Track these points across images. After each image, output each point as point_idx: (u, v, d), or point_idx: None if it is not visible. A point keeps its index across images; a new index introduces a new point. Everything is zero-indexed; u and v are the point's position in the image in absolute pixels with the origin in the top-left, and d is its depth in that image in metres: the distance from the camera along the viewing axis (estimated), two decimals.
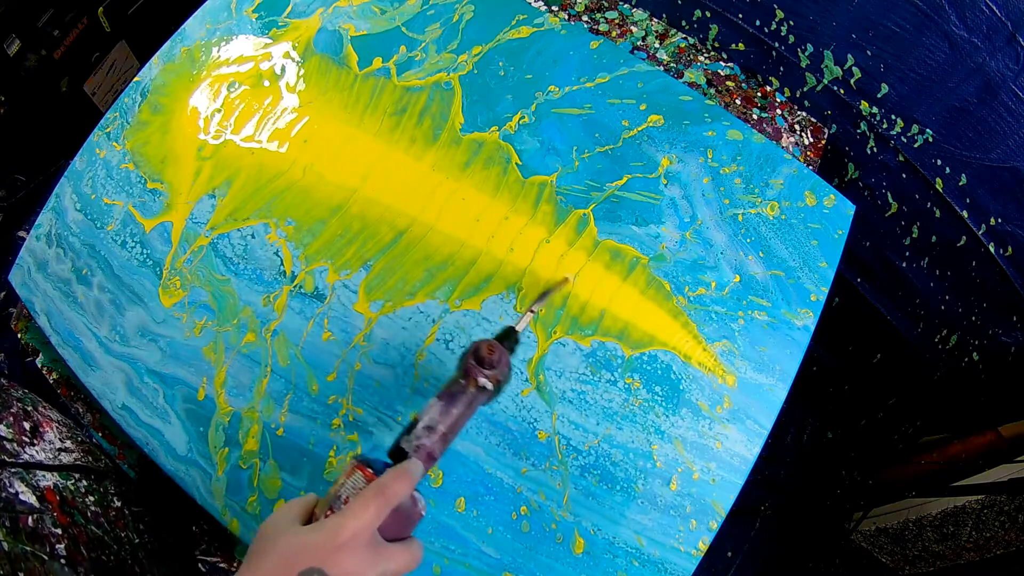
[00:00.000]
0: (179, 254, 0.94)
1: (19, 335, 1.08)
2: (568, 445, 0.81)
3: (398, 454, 0.52)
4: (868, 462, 1.69)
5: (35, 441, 0.81)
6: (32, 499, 0.70)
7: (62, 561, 0.66)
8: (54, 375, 1.03)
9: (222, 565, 0.88)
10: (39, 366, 1.05)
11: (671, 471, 0.80)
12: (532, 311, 0.68)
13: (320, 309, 0.88)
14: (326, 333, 0.87)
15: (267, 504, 0.82)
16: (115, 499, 0.84)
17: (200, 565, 0.88)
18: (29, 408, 0.87)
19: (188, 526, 0.90)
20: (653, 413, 0.82)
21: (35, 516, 0.68)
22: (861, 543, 1.83)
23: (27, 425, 0.83)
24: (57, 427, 0.88)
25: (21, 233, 1.70)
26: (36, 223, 1.04)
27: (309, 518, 0.48)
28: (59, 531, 0.69)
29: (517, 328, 0.65)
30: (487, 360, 0.57)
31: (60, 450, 0.84)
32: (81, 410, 1.00)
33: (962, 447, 1.52)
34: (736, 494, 0.80)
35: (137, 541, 0.82)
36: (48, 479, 0.76)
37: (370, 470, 0.49)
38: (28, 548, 0.63)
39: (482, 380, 0.57)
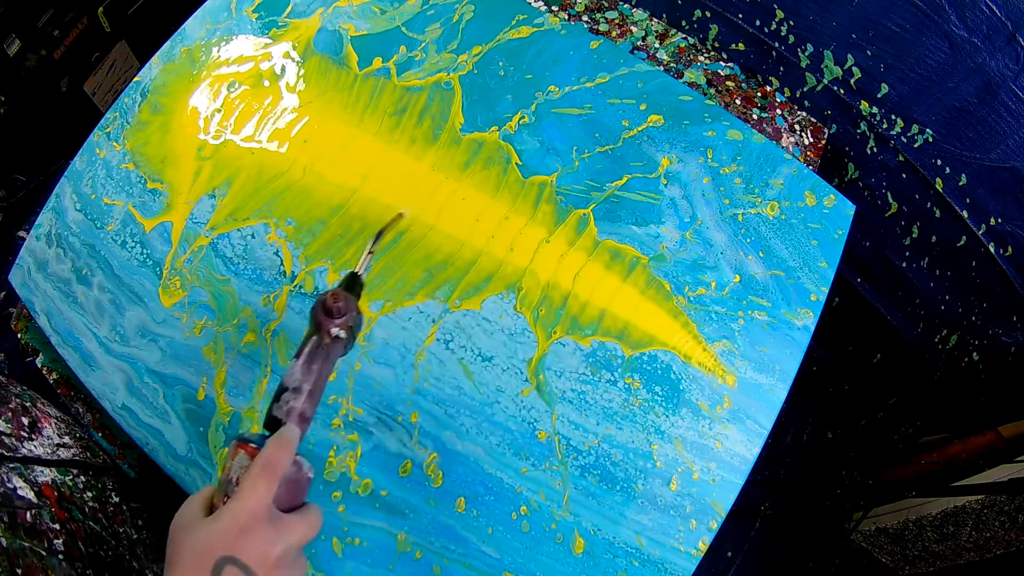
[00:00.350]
0: (179, 254, 0.94)
1: (19, 335, 1.08)
2: (568, 445, 0.81)
3: (272, 423, 0.52)
4: (868, 462, 1.69)
5: (33, 436, 0.82)
6: (30, 494, 0.70)
7: (60, 557, 0.66)
8: (54, 375, 1.03)
9: None
10: (39, 366, 1.05)
11: (671, 471, 0.80)
12: (371, 252, 0.68)
13: None
14: None
15: None
16: (113, 495, 0.84)
17: None
18: (27, 404, 0.87)
19: None
20: (653, 413, 0.82)
21: (33, 511, 0.68)
22: (861, 543, 1.83)
23: (25, 420, 0.83)
24: (55, 423, 0.88)
25: (21, 233, 1.70)
26: (36, 223, 1.04)
27: (211, 508, 0.48)
28: (57, 527, 0.69)
29: (359, 272, 0.64)
30: (335, 309, 0.57)
31: (58, 446, 0.84)
32: (81, 410, 1.00)
33: (962, 447, 1.52)
34: (736, 494, 0.80)
35: (135, 537, 0.82)
36: (46, 474, 0.76)
37: (252, 445, 0.49)
38: (26, 544, 0.63)
39: (334, 330, 0.57)
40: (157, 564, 0.82)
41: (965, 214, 1.15)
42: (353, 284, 0.63)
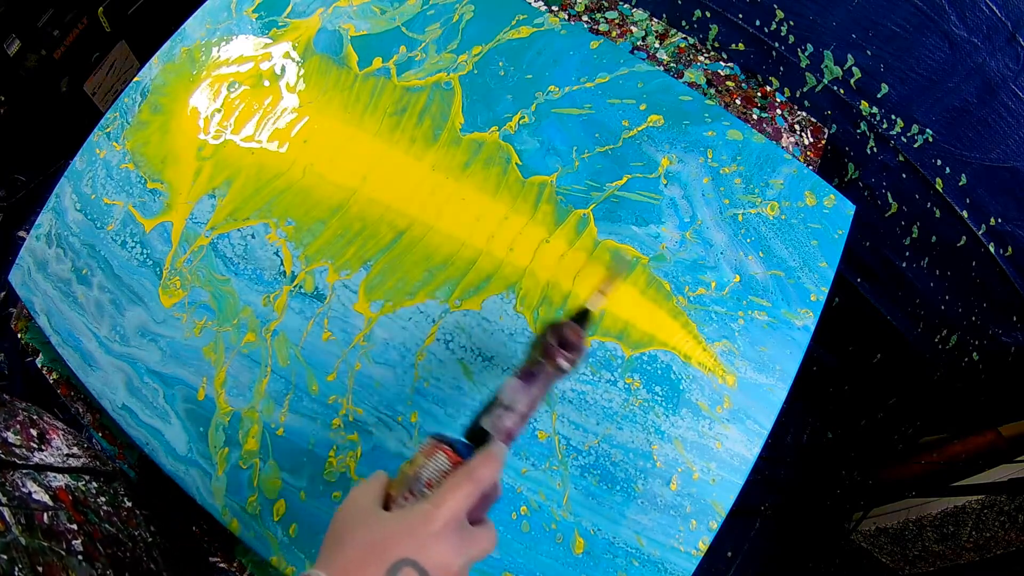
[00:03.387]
0: (179, 254, 0.94)
1: (19, 335, 1.08)
2: (568, 445, 0.81)
3: (478, 434, 0.52)
4: (868, 462, 1.69)
5: (43, 447, 0.82)
6: (45, 498, 0.70)
7: (79, 558, 0.66)
8: (54, 375, 1.03)
9: (222, 565, 0.88)
10: (39, 366, 1.05)
11: (671, 471, 0.80)
12: (603, 294, 0.66)
13: (320, 309, 0.88)
14: (326, 333, 0.87)
15: (267, 504, 0.82)
16: (125, 499, 0.85)
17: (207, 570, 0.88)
18: (35, 417, 0.87)
19: (188, 527, 0.90)
20: (653, 413, 0.82)
21: (50, 513, 0.68)
22: (861, 543, 1.83)
23: (34, 432, 0.83)
24: (63, 435, 0.88)
25: (21, 233, 1.70)
26: (36, 223, 1.04)
27: (386, 501, 0.47)
28: (75, 527, 0.69)
29: (592, 309, 0.63)
30: (571, 343, 0.56)
31: (68, 455, 0.84)
32: (81, 410, 1.00)
33: (962, 447, 1.52)
34: (736, 494, 0.80)
35: (150, 540, 0.82)
36: (59, 480, 0.76)
37: (452, 450, 0.47)
38: (45, 544, 0.63)
39: (562, 362, 0.56)
40: (173, 568, 0.82)
41: (965, 214, 1.15)
42: (584, 319, 0.62)
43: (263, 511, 0.82)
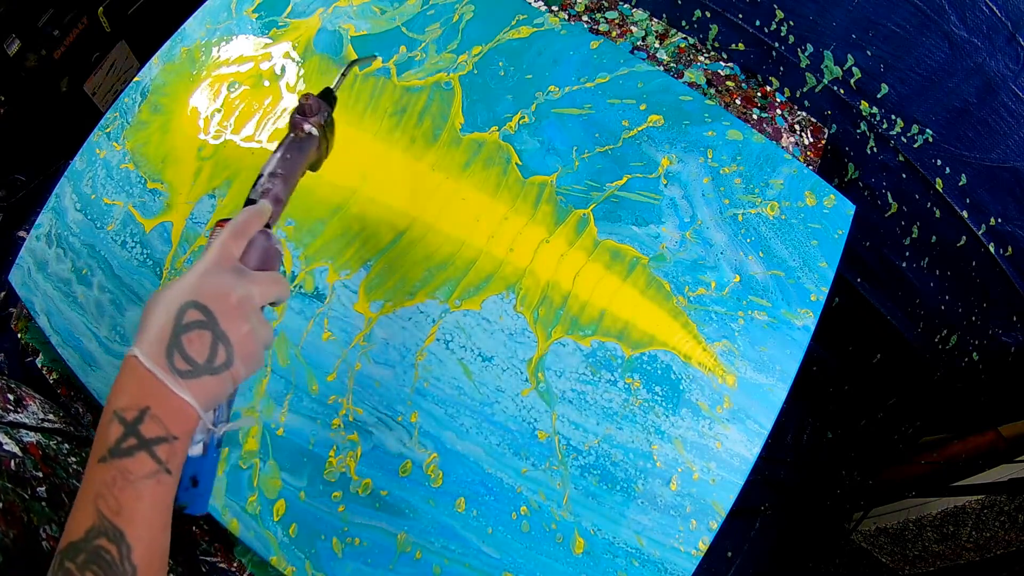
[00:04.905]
0: (179, 254, 0.94)
1: (19, 335, 1.07)
2: (568, 445, 0.81)
3: (249, 203, 0.58)
4: (868, 462, 1.69)
5: (19, 410, 0.83)
6: (15, 449, 0.71)
7: (43, 503, 0.66)
8: (54, 375, 1.03)
9: (222, 565, 0.88)
10: (39, 366, 1.05)
11: (671, 471, 0.80)
12: (344, 75, 0.75)
13: (320, 309, 0.88)
14: (326, 333, 0.87)
15: (267, 504, 0.82)
16: None
17: (200, 565, 0.88)
18: (13, 386, 0.88)
19: (188, 525, 0.90)
20: (653, 413, 0.82)
21: (17, 460, 0.68)
22: (861, 543, 1.83)
23: (11, 397, 0.84)
24: (40, 403, 0.89)
25: (21, 233, 1.70)
26: (36, 223, 1.04)
27: None
28: (40, 475, 0.70)
29: (332, 87, 0.71)
30: (306, 107, 0.63)
31: (43, 419, 0.85)
32: (81, 410, 1.00)
33: (962, 447, 1.52)
34: (736, 494, 0.80)
35: None
36: (32, 436, 0.76)
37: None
38: (9, 486, 0.63)
39: (307, 127, 0.64)
40: None
41: (965, 214, 1.15)
42: (327, 96, 0.69)
43: (263, 511, 0.82)
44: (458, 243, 0.89)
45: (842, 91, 1.15)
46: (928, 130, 1.10)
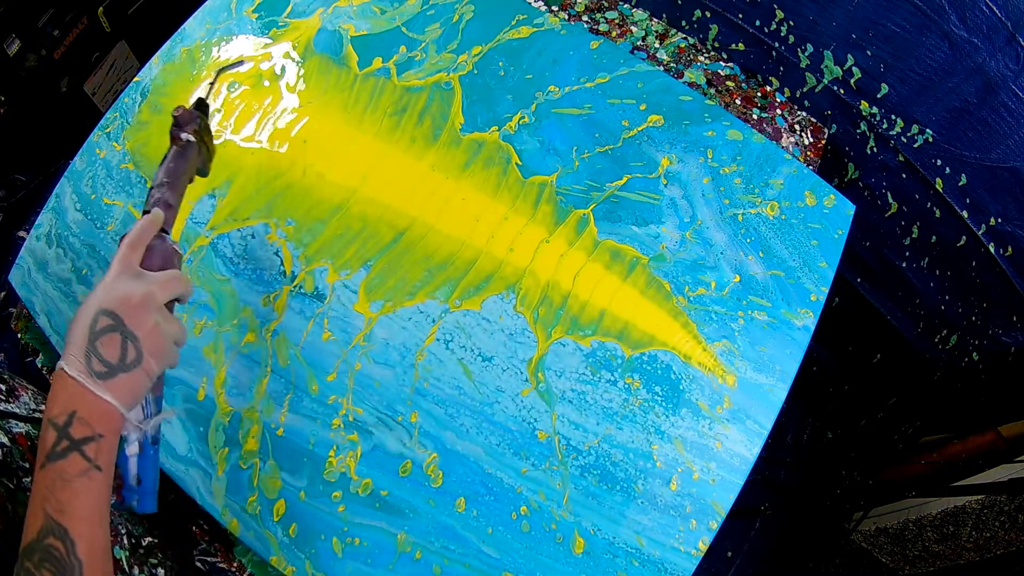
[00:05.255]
0: None
1: (19, 335, 1.07)
2: (568, 445, 0.81)
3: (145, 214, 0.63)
4: (868, 462, 1.69)
5: (10, 400, 0.83)
6: (3, 439, 0.71)
7: (27, 493, 0.67)
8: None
9: (222, 565, 0.88)
10: (39, 366, 1.05)
11: (671, 471, 0.80)
12: (212, 83, 0.80)
13: (320, 309, 0.88)
14: (326, 333, 0.87)
15: (267, 504, 0.82)
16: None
17: (200, 565, 0.88)
18: (6, 376, 0.89)
19: (187, 524, 0.90)
20: (653, 413, 0.82)
21: (4, 450, 0.69)
22: (861, 543, 1.83)
23: (3, 387, 0.85)
24: (33, 394, 0.89)
25: (21, 233, 1.70)
26: (36, 223, 1.04)
27: None
28: (27, 466, 0.71)
29: (203, 96, 0.76)
30: (180, 119, 0.69)
31: (34, 410, 0.85)
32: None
33: (962, 447, 1.52)
34: (736, 494, 0.80)
35: None
36: (21, 427, 0.77)
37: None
38: None
39: (183, 136, 0.69)
40: (131, 522, 0.83)
41: (965, 214, 1.15)
42: (199, 105, 0.74)
43: (263, 511, 0.82)
44: (458, 243, 0.89)
45: (842, 91, 1.15)
46: (928, 130, 1.10)
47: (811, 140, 1.12)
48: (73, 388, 0.49)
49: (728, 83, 1.15)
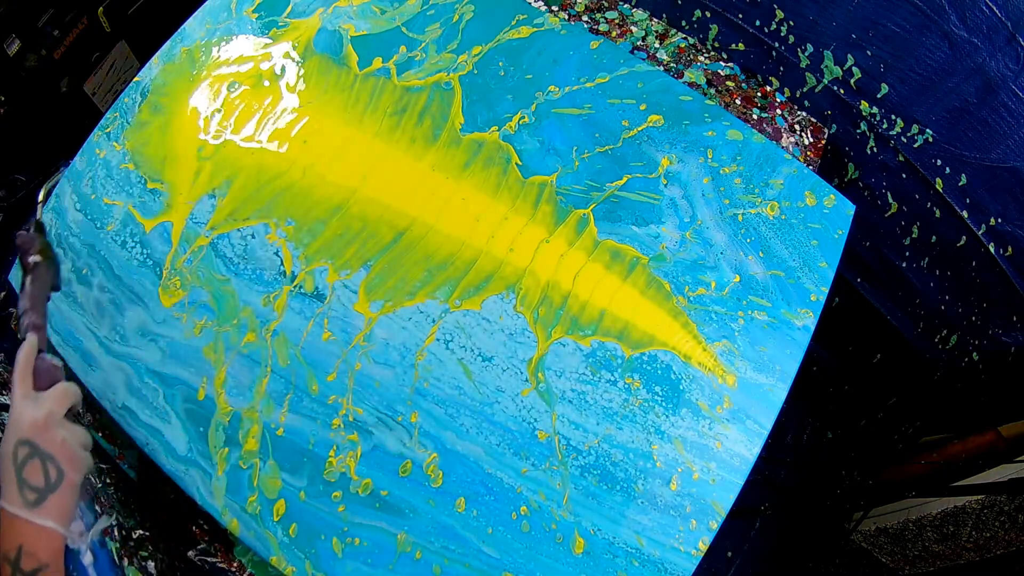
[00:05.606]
0: (179, 254, 0.94)
1: (19, 335, 1.07)
2: (568, 445, 0.81)
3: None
4: (868, 462, 1.69)
5: (3, 392, 0.84)
6: None
7: None
8: None
9: (222, 565, 0.88)
10: None
11: (671, 471, 0.80)
12: (44, 202, 0.87)
13: (320, 309, 0.88)
14: (326, 333, 0.87)
15: (267, 504, 0.82)
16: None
17: (200, 565, 0.88)
18: (1, 370, 0.89)
19: (186, 524, 0.90)
20: (653, 413, 0.82)
21: None
22: (861, 543, 1.83)
23: None
24: None
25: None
26: None
27: None
28: None
29: (38, 217, 0.81)
30: (23, 245, 0.74)
31: None
32: (81, 410, 1.00)
33: (962, 447, 1.52)
34: (736, 494, 0.80)
35: (101, 486, 0.87)
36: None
37: None
38: None
39: (31, 259, 0.73)
40: (123, 515, 0.85)
41: (965, 214, 1.15)
42: (38, 227, 0.79)
43: (263, 511, 0.82)
44: (458, 243, 0.89)
45: (842, 91, 1.15)
46: (928, 130, 1.10)
47: (811, 140, 1.12)
48: (15, 522, 0.54)
49: (728, 83, 1.15)
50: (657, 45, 1.16)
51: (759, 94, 1.14)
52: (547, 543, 0.78)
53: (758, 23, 1.15)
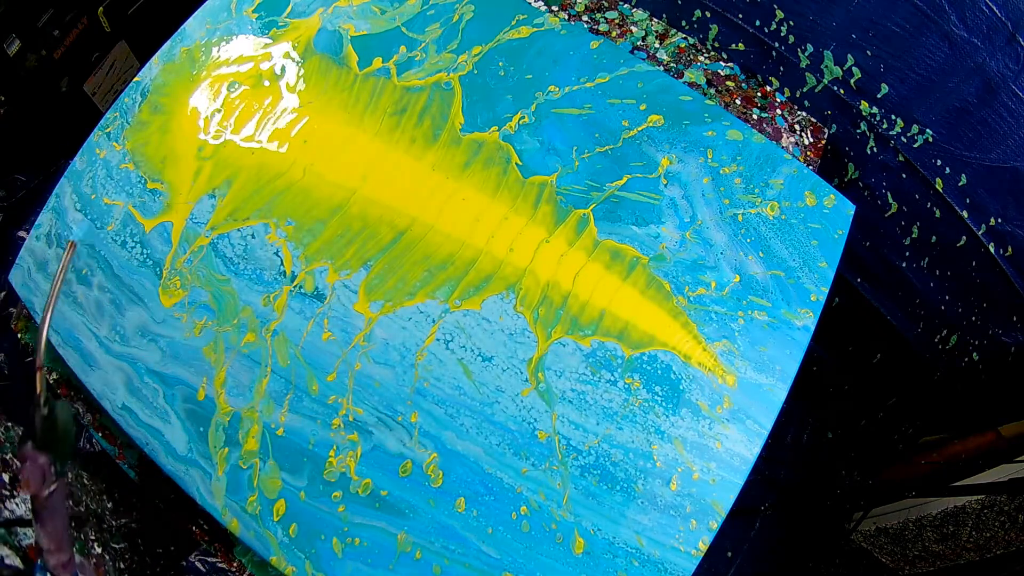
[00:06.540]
0: (179, 254, 0.94)
1: (19, 335, 1.07)
2: (568, 445, 0.81)
3: None
4: (868, 462, 1.69)
5: (15, 493, 0.80)
6: (16, 562, 0.68)
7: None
8: (54, 375, 1.03)
9: (222, 565, 0.88)
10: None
11: (671, 471, 0.80)
12: (44, 415, 0.69)
13: (320, 309, 0.88)
14: (326, 333, 0.87)
15: (267, 504, 0.82)
16: (95, 545, 0.85)
17: (200, 565, 0.88)
18: (7, 456, 0.85)
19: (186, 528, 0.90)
20: (653, 413, 0.82)
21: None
22: (861, 543, 1.83)
23: (6, 477, 0.82)
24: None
25: (21, 233, 1.70)
26: (36, 223, 1.03)
27: None
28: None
29: (36, 420, 0.66)
30: (29, 479, 0.61)
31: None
32: (81, 410, 1.00)
33: (962, 447, 1.52)
34: (736, 494, 0.80)
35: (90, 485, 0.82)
36: (30, 536, 0.73)
37: None
38: None
39: (45, 491, 0.62)
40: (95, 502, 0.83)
41: (965, 214, 1.15)
42: (42, 444, 0.65)
43: (263, 511, 0.82)
44: (458, 243, 0.89)
45: (842, 91, 1.15)
46: (928, 130, 1.10)
47: (811, 140, 1.12)
48: None
49: (728, 83, 1.15)
50: (657, 45, 1.16)
51: (759, 94, 1.14)
52: (547, 543, 0.78)
53: (758, 23, 1.15)
